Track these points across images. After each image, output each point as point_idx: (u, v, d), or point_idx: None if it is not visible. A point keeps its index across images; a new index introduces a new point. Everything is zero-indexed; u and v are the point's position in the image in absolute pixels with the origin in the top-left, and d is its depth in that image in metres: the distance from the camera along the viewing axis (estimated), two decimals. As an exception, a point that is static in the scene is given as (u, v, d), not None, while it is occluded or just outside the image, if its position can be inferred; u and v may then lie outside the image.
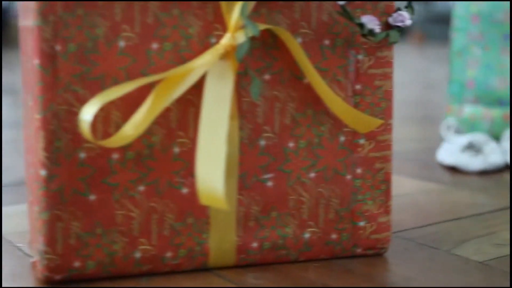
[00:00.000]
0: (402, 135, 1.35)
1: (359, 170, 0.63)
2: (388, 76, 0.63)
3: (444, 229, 0.74)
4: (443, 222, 0.77)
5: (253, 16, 0.59)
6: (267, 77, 0.60)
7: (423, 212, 0.81)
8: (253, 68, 0.59)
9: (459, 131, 1.25)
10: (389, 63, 0.63)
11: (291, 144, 0.61)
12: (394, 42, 0.61)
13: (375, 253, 0.65)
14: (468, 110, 1.34)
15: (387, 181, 0.64)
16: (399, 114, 1.64)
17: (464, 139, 1.16)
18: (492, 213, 0.81)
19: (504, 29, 1.29)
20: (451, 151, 1.10)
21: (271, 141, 0.61)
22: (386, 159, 0.64)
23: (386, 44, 0.62)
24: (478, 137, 1.17)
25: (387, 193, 0.65)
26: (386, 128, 0.64)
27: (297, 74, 0.61)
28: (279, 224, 0.62)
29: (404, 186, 0.94)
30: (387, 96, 0.63)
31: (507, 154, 1.09)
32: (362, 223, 0.64)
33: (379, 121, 0.61)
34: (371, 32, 0.59)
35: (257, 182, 0.61)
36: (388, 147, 0.64)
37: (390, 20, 0.62)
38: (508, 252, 0.67)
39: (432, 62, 3.33)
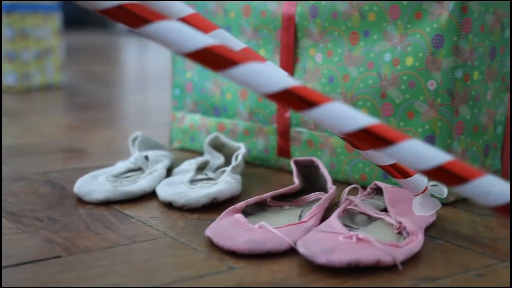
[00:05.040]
0: (108, 148, 1.13)
1: None
2: None
3: None
4: None
5: None
6: None
7: None
8: None
9: (145, 145, 1.03)
10: None
11: None
12: None
13: None
14: (188, 118, 1.13)
15: None
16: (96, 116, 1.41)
17: (134, 157, 0.94)
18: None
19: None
20: (94, 174, 0.88)
21: None
22: None
23: None
24: (151, 155, 0.95)
25: None
26: None
27: None
28: None
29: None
30: None
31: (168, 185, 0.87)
32: None
33: None
34: None
35: None
36: None
37: None
38: None
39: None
